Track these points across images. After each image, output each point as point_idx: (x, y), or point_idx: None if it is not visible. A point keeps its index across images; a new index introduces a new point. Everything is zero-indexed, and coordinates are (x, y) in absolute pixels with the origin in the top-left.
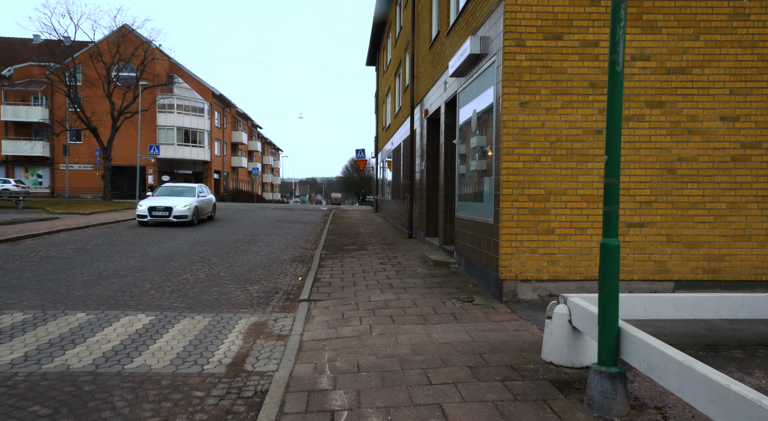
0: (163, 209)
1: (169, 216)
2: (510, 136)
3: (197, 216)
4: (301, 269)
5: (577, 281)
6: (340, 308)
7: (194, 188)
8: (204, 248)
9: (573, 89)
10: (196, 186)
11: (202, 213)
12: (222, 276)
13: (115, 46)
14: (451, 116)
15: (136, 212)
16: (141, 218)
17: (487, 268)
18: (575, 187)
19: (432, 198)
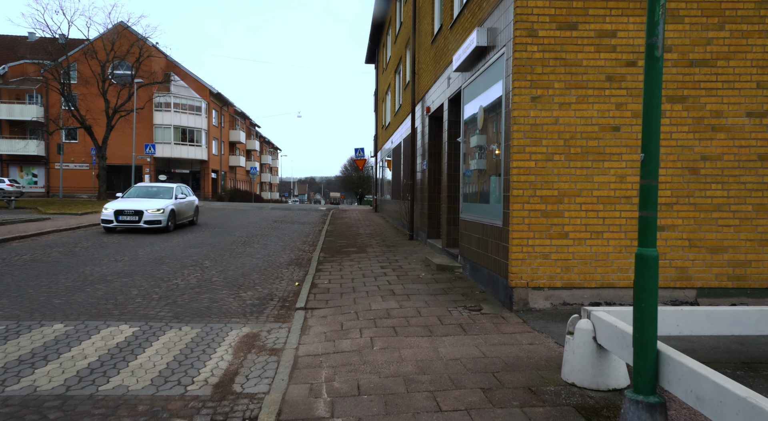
0: (132, 213)
1: (139, 221)
2: (521, 133)
3: (174, 221)
4: (298, 273)
5: (593, 288)
6: (338, 317)
7: (171, 189)
8: (197, 250)
9: (588, 83)
10: (174, 186)
11: (181, 217)
12: (215, 281)
13: (110, 43)
14: (455, 113)
15: (101, 217)
16: (106, 223)
17: (495, 274)
18: (591, 188)
19: (434, 198)
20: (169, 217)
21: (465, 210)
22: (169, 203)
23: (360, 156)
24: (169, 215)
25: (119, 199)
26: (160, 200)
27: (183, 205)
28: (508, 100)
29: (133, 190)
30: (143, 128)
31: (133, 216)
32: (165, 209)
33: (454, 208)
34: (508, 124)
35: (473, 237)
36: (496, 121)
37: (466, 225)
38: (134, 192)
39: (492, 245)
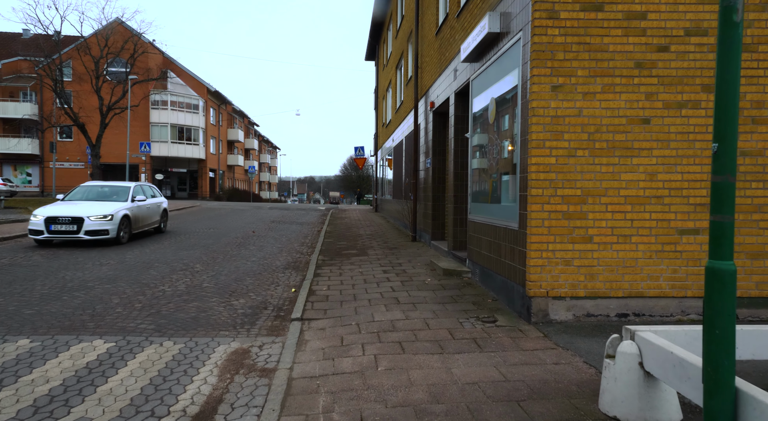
0: (69, 222)
1: (78, 232)
2: (540, 126)
3: (128, 230)
4: (295, 277)
5: (620, 298)
6: (338, 330)
7: (128, 189)
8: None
9: (615, 70)
10: (133, 185)
11: (141, 224)
12: (205, 287)
13: (104, 38)
14: (462, 108)
15: (28, 226)
16: (35, 234)
17: (510, 281)
18: (617, 186)
19: (438, 198)
20: (121, 225)
21: (474, 211)
22: (121, 207)
23: (360, 155)
24: (120, 223)
25: (56, 203)
26: (109, 204)
27: (143, 210)
28: (525, 90)
29: (78, 191)
30: (139, 127)
31: (70, 225)
32: (114, 215)
33: (461, 209)
34: (525, 116)
35: (484, 240)
36: (511, 113)
37: (475, 227)
38: (80, 193)
39: (506, 249)
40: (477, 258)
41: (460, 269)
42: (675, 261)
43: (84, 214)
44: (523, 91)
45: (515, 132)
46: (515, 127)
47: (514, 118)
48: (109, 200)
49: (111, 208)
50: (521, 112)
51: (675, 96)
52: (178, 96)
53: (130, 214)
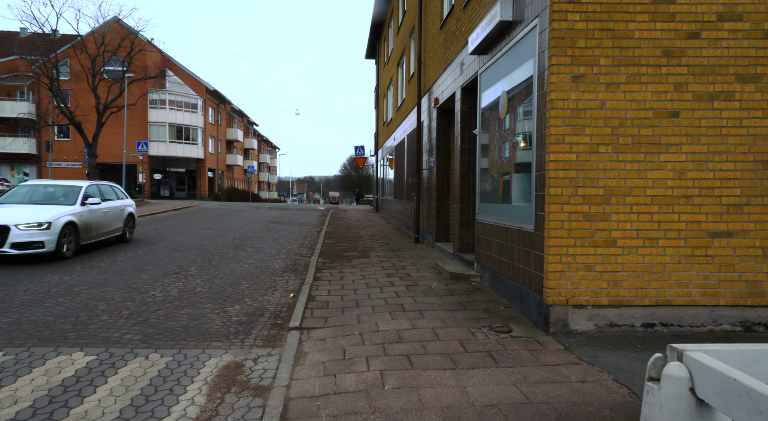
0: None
1: (3, 245)
2: (559, 120)
3: (75, 241)
4: (294, 281)
5: (646, 306)
6: (340, 341)
7: (78, 190)
8: (183, 254)
9: (641, 59)
10: (85, 185)
11: (95, 233)
12: (198, 292)
13: (100, 36)
14: (469, 103)
15: None
16: None
17: (525, 287)
18: (643, 185)
19: (443, 198)
20: (63, 235)
21: (483, 211)
22: (65, 213)
23: (360, 154)
24: (62, 233)
25: None
26: (50, 208)
27: (97, 216)
28: (542, 81)
29: (15, 193)
30: (137, 126)
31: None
32: (54, 223)
33: (468, 209)
34: (542, 109)
35: (494, 243)
36: (525, 107)
37: (484, 228)
38: (18, 195)
39: (520, 252)
40: (486, 261)
41: (468, 272)
42: (706, 266)
43: (11, 221)
44: (540, 83)
45: (530, 127)
46: (530, 122)
47: (529, 112)
48: (52, 203)
49: (50, 213)
50: (537, 105)
51: (706, 87)
52: (176, 95)
53: (77, 221)
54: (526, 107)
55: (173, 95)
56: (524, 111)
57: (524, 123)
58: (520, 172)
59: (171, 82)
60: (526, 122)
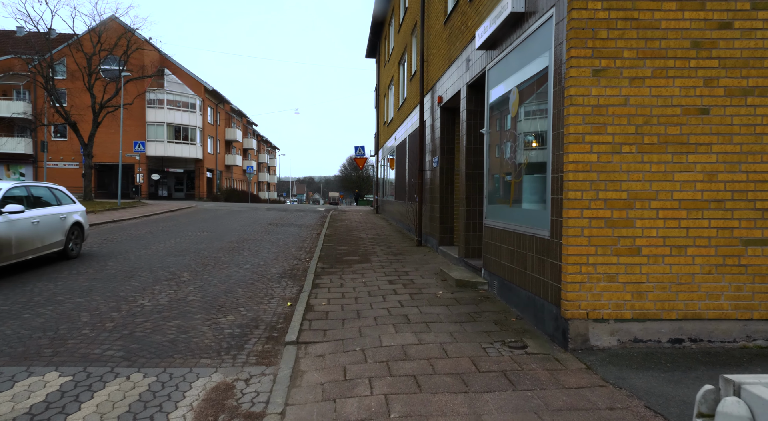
0: None
1: None
2: (579, 118)
3: None
4: (292, 288)
5: (674, 320)
6: (340, 357)
7: None
8: (176, 258)
9: (668, 51)
10: (5, 187)
11: (19, 250)
12: (190, 301)
13: (96, 34)
14: (476, 101)
15: None
16: None
17: (539, 298)
18: (670, 189)
19: (447, 200)
20: None
21: (491, 215)
22: None
23: (360, 155)
24: None
25: None
26: None
27: (23, 227)
28: (560, 76)
29: None
30: (135, 126)
31: None
32: None
33: (474, 213)
34: (559, 106)
35: (503, 249)
36: (538, 104)
37: (492, 233)
38: None
39: (534, 260)
40: (495, 268)
41: (475, 279)
42: (739, 277)
43: None
44: (557, 78)
45: (545, 125)
46: (545, 120)
47: (544, 110)
48: None
49: None
50: (553, 101)
51: (739, 81)
52: (174, 95)
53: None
54: (540, 104)
55: (171, 95)
56: (538, 108)
57: (538, 121)
58: (533, 173)
59: (169, 81)
60: (540, 120)
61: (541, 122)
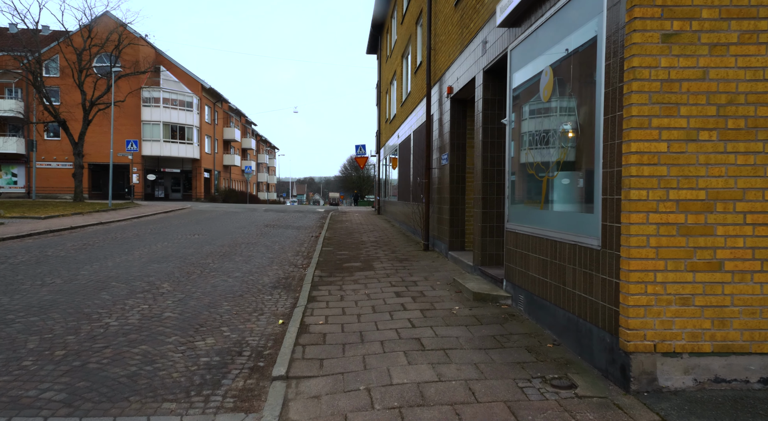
0: None
1: None
2: (644, 96)
3: None
4: (285, 301)
5: (765, 354)
6: (340, 401)
7: None
8: (160, 265)
9: (760, 9)
10: None
11: None
12: (166, 318)
13: (87, 29)
14: (494, 88)
15: None
16: None
17: (584, 321)
18: (761, 186)
19: (457, 201)
20: None
21: (516, 218)
22: None
23: (361, 154)
24: None
25: None
26: None
27: None
28: (615, 45)
29: None
30: (130, 125)
31: None
32: None
33: (492, 215)
34: (615, 83)
35: (533, 258)
36: (581, 84)
37: (517, 239)
38: None
39: (577, 275)
40: (521, 280)
41: (496, 292)
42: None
43: None
44: (611, 48)
45: (590, 109)
46: (589, 103)
47: (588, 90)
48: None
49: None
50: (606, 78)
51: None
52: (171, 93)
53: None
54: (583, 84)
55: (168, 93)
56: (580, 89)
57: (580, 105)
58: (574, 169)
59: (165, 79)
60: (583, 104)
61: (584, 106)
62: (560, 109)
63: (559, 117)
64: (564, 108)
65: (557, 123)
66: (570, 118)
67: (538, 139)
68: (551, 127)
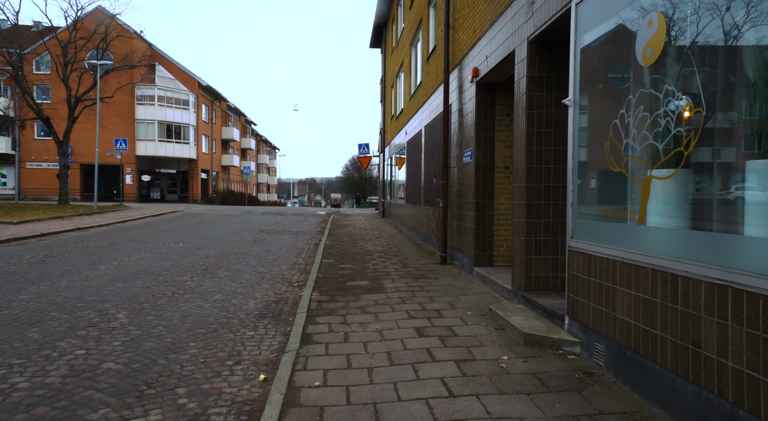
0: None
1: None
2: None
3: None
4: (272, 339)
5: None
6: None
7: None
8: (125, 284)
9: None
10: None
11: None
12: (101, 374)
13: (73, 20)
14: (543, 63)
15: None
16: None
17: (749, 414)
18: None
19: (484, 205)
20: None
21: (587, 233)
22: None
23: (364, 153)
24: None
25: None
26: None
27: None
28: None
29: None
30: (124, 124)
31: None
32: None
33: (539, 226)
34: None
35: (624, 295)
36: (726, 31)
37: (591, 264)
38: None
39: (726, 334)
40: (599, 322)
41: (556, 335)
42: None
43: None
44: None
45: (752, 70)
46: (754, 58)
47: (743, 44)
48: None
49: None
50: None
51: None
52: (166, 90)
53: None
54: (730, 30)
55: (163, 91)
56: (726, 39)
57: (726, 63)
58: (702, 169)
59: (160, 76)
60: (731, 59)
61: (735, 63)
62: (680, 76)
63: (678, 86)
64: (687, 74)
65: (671, 97)
66: (703, 85)
67: (633, 121)
68: (659, 103)
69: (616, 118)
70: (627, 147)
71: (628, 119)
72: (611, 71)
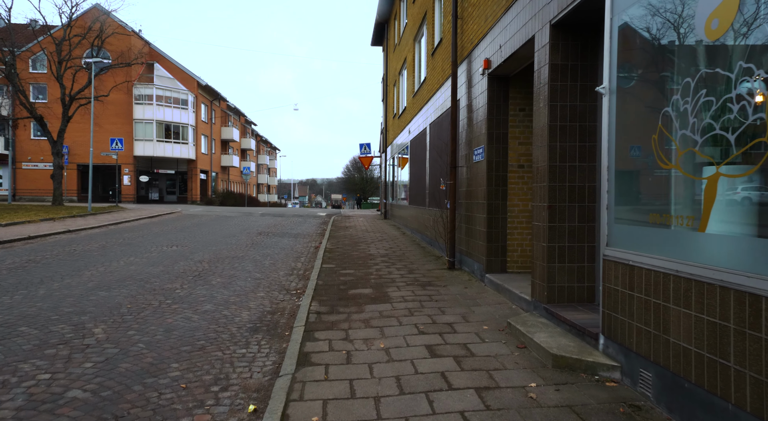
0: None
1: None
2: None
3: None
4: (265, 358)
5: None
6: None
7: None
8: (108, 293)
9: None
10: None
11: None
12: (65, 404)
13: (67, 17)
14: (568, 49)
15: None
16: None
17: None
18: None
19: (497, 207)
20: None
21: (627, 241)
22: None
23: (366, 153)
24: None
25: None
26: None
27: None
28: None
29: None
30: (121, 124)
31: None
32: None
33: (564, 230)
34: None
35: (680, 315)
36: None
37: (633, 277)
38: None
39: None
40: (645, 346)
41: (590, 357)
42: None
43: None
44: None
45: None
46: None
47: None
48: None
49: None
50: None
51: None
52: (164, 90)
53: None
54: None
55: (161, 90)
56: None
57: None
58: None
59: (158, 75)
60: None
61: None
62: (756, 51)
63: (756, 63)
64: (764, 48)
65: (747, 77)
66: None
67: (690, 109)
68: (730, 85)
69: (667, 106)
70: (683, 139)
71: (685, 106)
72: (660, 51)
